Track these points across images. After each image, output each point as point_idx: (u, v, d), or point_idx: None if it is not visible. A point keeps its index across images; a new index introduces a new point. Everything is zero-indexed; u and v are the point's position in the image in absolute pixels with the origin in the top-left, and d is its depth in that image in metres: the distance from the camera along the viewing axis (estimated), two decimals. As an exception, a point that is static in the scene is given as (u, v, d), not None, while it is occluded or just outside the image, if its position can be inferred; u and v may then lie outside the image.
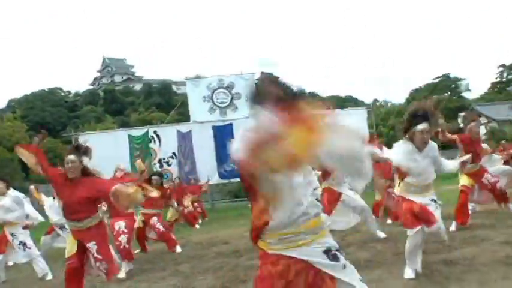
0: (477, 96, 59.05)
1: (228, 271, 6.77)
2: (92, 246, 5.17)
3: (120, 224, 7.52)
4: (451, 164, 5.51)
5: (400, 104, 51.61)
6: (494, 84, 61.56)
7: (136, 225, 8.58)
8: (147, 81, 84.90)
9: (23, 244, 7.42)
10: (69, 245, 5.41)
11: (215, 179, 20.87)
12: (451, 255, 5.86)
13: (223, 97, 21.19)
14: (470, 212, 8.17)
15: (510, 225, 7.37)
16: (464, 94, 58.24)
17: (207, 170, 20.03)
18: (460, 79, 60.98)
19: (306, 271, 2.71)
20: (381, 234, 7.77)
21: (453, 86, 60.17)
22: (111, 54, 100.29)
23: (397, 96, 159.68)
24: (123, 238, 7.44)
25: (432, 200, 5.12)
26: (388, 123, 39.38)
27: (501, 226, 7.47)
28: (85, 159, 5.30)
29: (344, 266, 2.74)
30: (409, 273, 5.09)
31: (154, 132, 20.79)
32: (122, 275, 6.74)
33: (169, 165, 20.39)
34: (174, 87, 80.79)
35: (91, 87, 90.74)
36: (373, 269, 5.66)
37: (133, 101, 74.35)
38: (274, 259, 2.74)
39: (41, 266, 7.55)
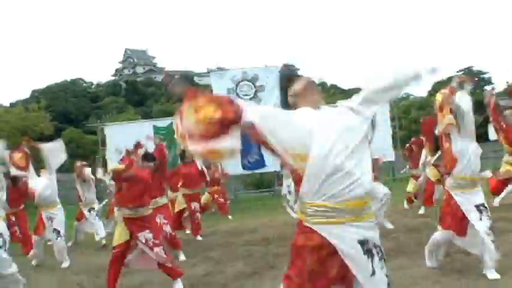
0: (500, 91, 58.57)
1: (257, 258, 7.08)
2: (146, 233, 5.56)
3: (160, 217, 7.66)
4: None
5: (422, 97, 51.28)
6: (517, 80, 60.99)
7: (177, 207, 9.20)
8: (168, 72, 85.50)
9: (56, 232, 7.69)
10: (120, 234, 5.74)
11: (238, 170, 21.12)
12: None
13: (247, 89, 21.39)
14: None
15: None
16: (487, 87, 57.81)
17: (230, 161, 20.24)
18: (483, 72, 60.55)
19: (338, 259, 2.61)
20: (388, 225, 8.06)
21: (476, 79, 59.72)
22: (133, 45, 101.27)
23: (419, 88, 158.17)
24: (167, 228, 7.64)
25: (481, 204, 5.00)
26: (409, 116, 39.19)
27: None
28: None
29: (373, 272, 2.58)
30: (432, 262, 5.30)
31: (180, 122, 21.13)
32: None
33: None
34: (196, 79, 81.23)
35: (113, 78, 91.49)
36: (396, 258, 5.92)
37: (155, 92, 74.92)
38: (309, 232, 2.68)
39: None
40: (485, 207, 4.99)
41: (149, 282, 6.10)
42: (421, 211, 9.77)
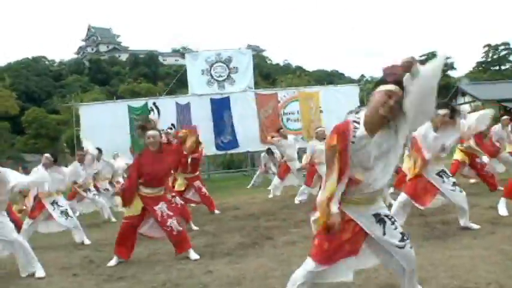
0: (462, 75, 60.08)
1: (250, 231, 7.52)
2: (161, 205, 6.00)
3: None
4: None
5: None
6: (479, 64, 62.62)
7: (177, 188, 9.39)
8: (133, 52, 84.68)
9: (64, 213, 7.80)
10: (134, 207, 6.09)
11: (212, 151, 21.51)
12: (447, 217, 6.83)
13: (220, 71, 21.81)
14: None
15: (493, 194, 8.36)
16: (450, 72, 59.19)
17: (204, 141, 20.50)
18: (446, 57, 61.90)
19: (353, 222, 3.25)
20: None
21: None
22: (97, 23, 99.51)
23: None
24: (176, 199, 8.06)
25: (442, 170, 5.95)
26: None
27: (487, 195, 8.53)
28: None
29: (384, 233, 3.24)
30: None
31: (154, 103, 21.37)
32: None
33: (168, 136, 20.94)
34: (160, 58, 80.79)
35: (76, 56, 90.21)
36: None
37: (119, 71, 74.23)
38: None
39: (79, 235, 7.91)
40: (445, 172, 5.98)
41: (154, 254, 6.47)
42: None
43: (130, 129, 20.03)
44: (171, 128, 20.96)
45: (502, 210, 6.64)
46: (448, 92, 41.12)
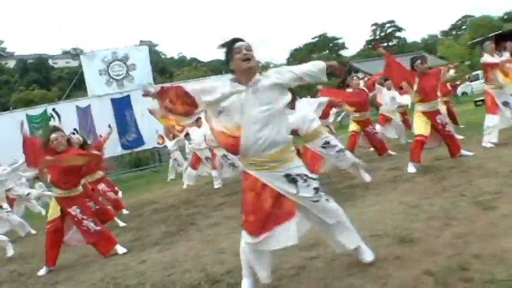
0: (354, 54, 62.78)
1: (174, 220, 7.93)
2: (74, 209, 6.15)
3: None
4: None
5: (281, 64, 53.61)
6: (368, 42, 65.76)
7: None
8: (20, 57, 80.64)
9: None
10: (53, 209, 6.27)
11: (118, 151, 21.46)
12: (353, 182, 7.63)
13: (118, 69, 21.69)
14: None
15: (392, 158, 9.43)
16: (342, 52, 61.74)
17: (109, 142, 20.27)
18: (337, 38, 64.47)
19: (269, 187, 3.43)
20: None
21: (331, 44, 63.52)
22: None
23: (278, 56, 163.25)
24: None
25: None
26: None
27: (387, 158, 9.55)
28: None
29: (298, 192, 3.42)
30: None
31: (53, 109, 20.87)
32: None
33: (71, 141, 20.58)
34: (51, 62, 77.75)
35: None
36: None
37: (8, 79, 70.51)
38: (247, 175, 3.53)
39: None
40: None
41: (84, 256, 6.64)
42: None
43: (32, 139, 19.56)
44: (73, 133, 20.62)
45: (410, 168, 7.41)
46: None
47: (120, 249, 6.26)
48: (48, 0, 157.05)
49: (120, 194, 13.24)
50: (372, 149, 10.35)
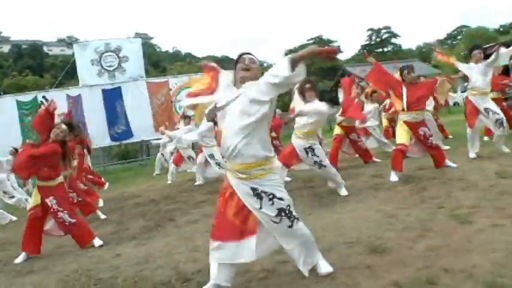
0: (348, 57, 62.93)
1: (153, 215, 7.93)
2: (51, 199, 6.15)
3: None
4: None
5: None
6: (363, 46, 65.92)
7: None
8: (15, 42, 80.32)
9: None
10: (34, 197, 6.32)
11: (107, 142, 21.37)
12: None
13: (110, 60, 21.51)
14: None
15: (377, 164, 9.51)
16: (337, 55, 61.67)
17: (98, 133, 20.30)
18: (332, 41, 64.57)
19: (237, 196, 3.48)
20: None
21: (325, 47, 63.52)
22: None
23: (273, 57, 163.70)
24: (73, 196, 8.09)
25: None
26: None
27: (372, 165, 9.60)
28: None
29: (261, 207, 3.42)
30: None
31: (43, 97, 20.67)
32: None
33: (59, 130, 20.48)
34: (45, 48, 77.47)
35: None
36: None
37: (2, 64, 70.20)
38: (225, 178, 3.64)
39: None
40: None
41: (62, 246, 6.62)
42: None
43: (20, 125, 19.57)
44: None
45: (393, 177, 7.40)
46: (335, 73, 43.02)
47: (97, 241, 6.26)
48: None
49: (106, 185, 13.22)
50: (356, 155, 10.37)
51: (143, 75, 22.35)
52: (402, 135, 7.49)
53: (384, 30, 67.12)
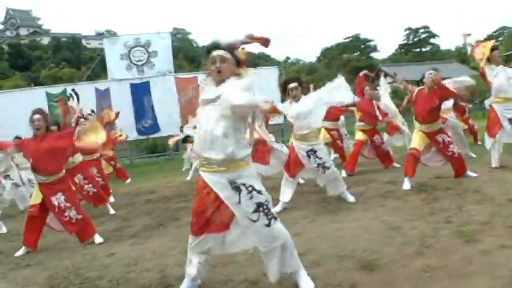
0: (385, 57, 62.04)
1: (160, 213, 7.81)
2: (59, 196, 6.00)
3: (79, 177, 8.07)
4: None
5: (311, 62, 53.15)
6: (401, 46, 64.82)
7: None
8: (55, 35, 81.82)
9: None
10: (35, 196, 6.19)
11: (133, 136, 21.42)
12: None
13: (139, 55, 21.62)
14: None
15: (395, 170, 9.04)
16: (373, 54, 60.98)
17: (125, 126, 20.33)
18: (369, 40, 63.75)
19: (214, 193, 3.40)
20: None
21: (362, 46, 62.81)
22: (15, 5, 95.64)
23: (309, 54, 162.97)
24: (88, 187, 8.12)
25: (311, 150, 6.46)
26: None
27: (389, 170, 9.20)
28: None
29: (239, 202, 3.34)
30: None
31: (73, 89, 20.79)
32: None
33: (88, 122, 20.65)
34: (84, 42, 78.69)
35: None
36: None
37: (41, 55, 71.58)
38: (200, 177, 3.53)
39: None
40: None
41: (63, 241, 6.52)
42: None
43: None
44: (90, 114, 20.64)
45: (406, 185, 7.02)
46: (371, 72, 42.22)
47: (97, 238, 6.16)
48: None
49: (129, 180, 13.15)
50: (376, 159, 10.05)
51: (172, 70, 22.36)
52: (415, 140, 7.22)
53: (422, 30, 65.65)
